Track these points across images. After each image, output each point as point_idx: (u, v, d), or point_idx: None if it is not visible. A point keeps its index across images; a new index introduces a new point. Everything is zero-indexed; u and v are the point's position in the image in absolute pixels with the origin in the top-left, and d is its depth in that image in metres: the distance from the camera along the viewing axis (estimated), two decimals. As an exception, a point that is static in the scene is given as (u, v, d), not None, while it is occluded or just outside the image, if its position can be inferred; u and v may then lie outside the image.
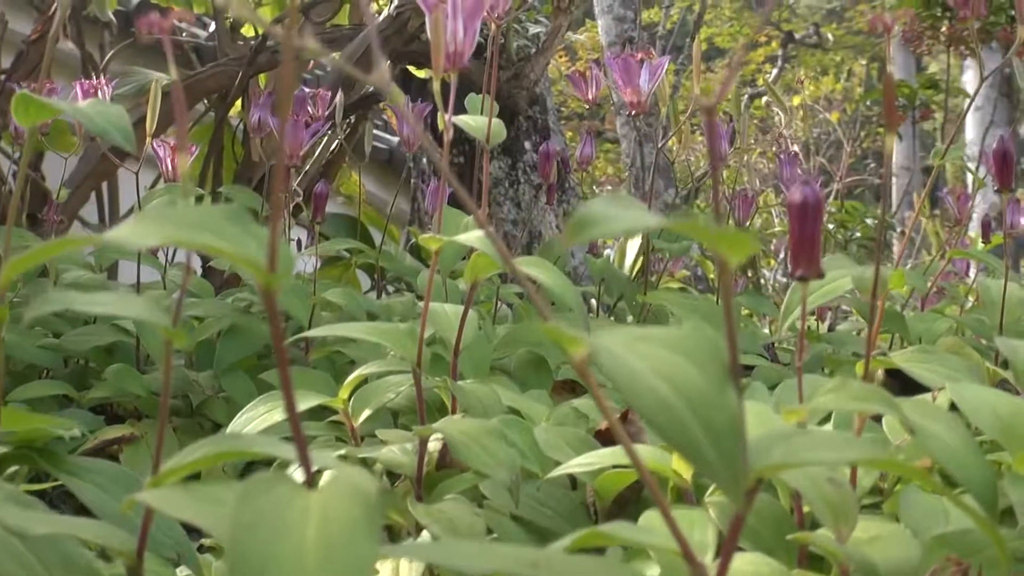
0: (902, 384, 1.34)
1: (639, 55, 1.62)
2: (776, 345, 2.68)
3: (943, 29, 5.13)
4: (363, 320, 1.97)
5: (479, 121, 1.45)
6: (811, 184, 0.89)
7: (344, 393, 1.40)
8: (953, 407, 1.16)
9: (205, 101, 3.72)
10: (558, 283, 1.37)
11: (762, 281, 8.97)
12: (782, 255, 8.58)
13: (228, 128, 3.68)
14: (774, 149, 13.35)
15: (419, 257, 4.07)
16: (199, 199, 2.70)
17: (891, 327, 2.15)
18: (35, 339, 1.98)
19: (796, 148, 12.07)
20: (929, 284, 2.36)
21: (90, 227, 3.32)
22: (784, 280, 9.70)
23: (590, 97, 2.21)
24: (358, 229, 3.87)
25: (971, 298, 3.03)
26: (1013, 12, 5.15)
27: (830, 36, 10.20)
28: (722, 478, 0.62)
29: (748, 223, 2.67)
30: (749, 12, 12.07)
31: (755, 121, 13.22)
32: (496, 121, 1.45)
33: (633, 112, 1.63)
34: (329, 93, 2.65)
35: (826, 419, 1.35)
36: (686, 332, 0.67)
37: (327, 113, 2.60)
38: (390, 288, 3.44)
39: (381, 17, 3.36)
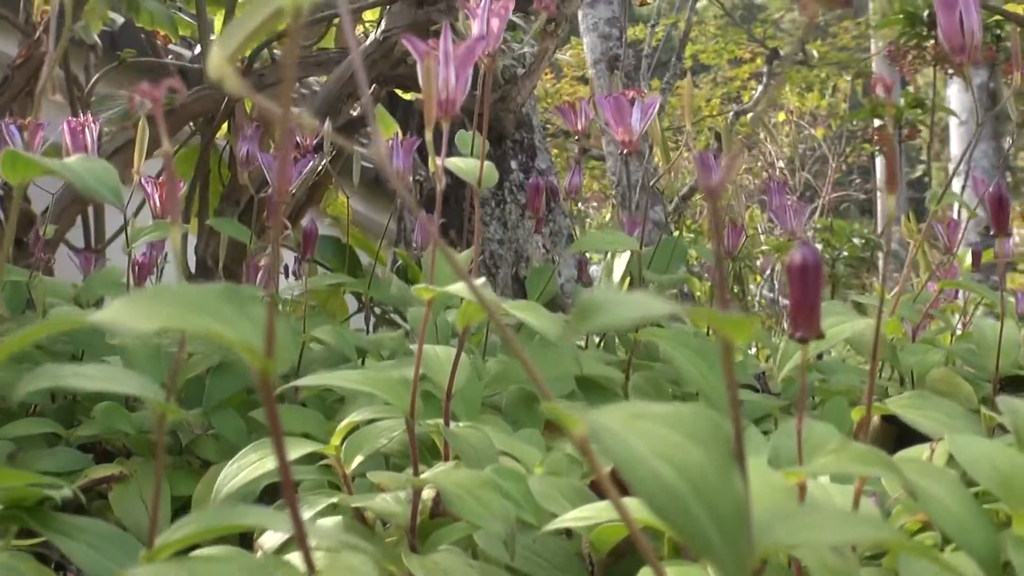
0: (899, 429, 1.33)
1: (631, 93, 1.61)
2: (767, 375, 2.68)
3: (928, 47, 5.14)
4: (353, 357, 1.96)
5: (469, 164, 1.45)
6: (811, 246, 0.88)
7: (336, 440, 1.39)
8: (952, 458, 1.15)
9: (191, 124, 3.71)
10: (549, 326, 1.36)
11: (748, 297, 8.99)
12: (768, 272, 8.59)
13: (214, 151, 3.67)
14: (759, 165, 13.40)
15: (406, 279, 4.06)
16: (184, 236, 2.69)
17: (883, 357, 2.15)
18: (23, 376, 1.96)
19: (782, 164, 12.08)
20: (920, 316, 2.36)
21: (76, 251, 3.30)
22: (770, 295, 9.72)
23: (579, 128, 2.20)
24: (346, 251, 3.86)
25: (960, 317, 3.03)
26: (998, 31, 5.17)
27: (815, 53, 10.22)
28: (727, 565, 0.61)
29: (737, 251, 2.66)
30: (734, 29, 12.09)
31: (740, 137, 13.25)
32: (488, 165, 1.44)
33: (625, 151, 1.62)
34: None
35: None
36: (688, 411, 0.66)
37: (316, 142, 2.59)
38: (377, 310, 3.42)
39: (368, 41, 3.35)
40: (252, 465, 1.34)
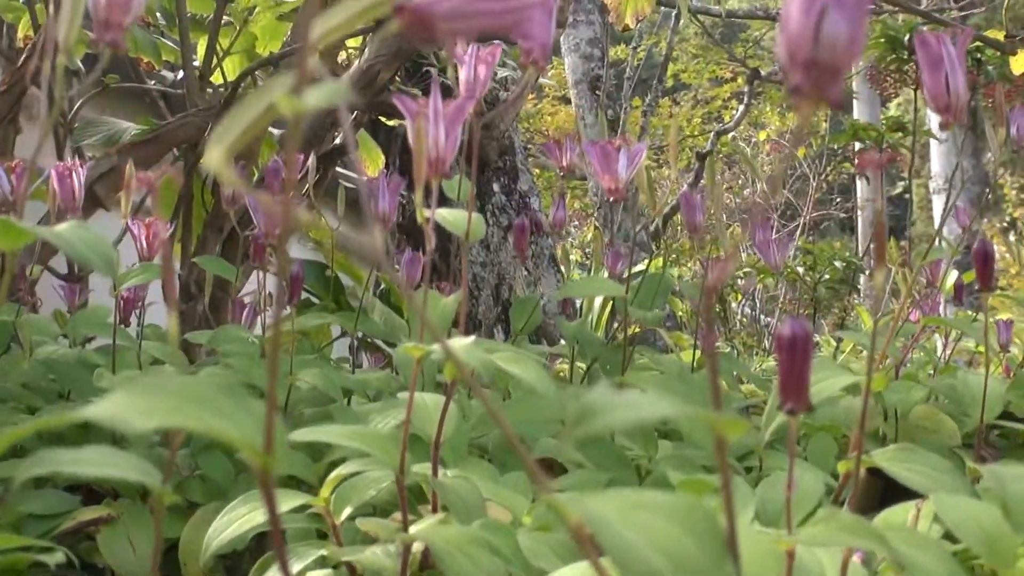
0: (885, 480, 1.34)
1: (617, 142, 1.62)
2: (750, 409, 2.69)
3: (908, 70, 5.17)
4: (339, 398, 1.96)
5: (456, 216, 1.45)
6: (800, 320, 0.89)
7: (326, 491, 1.40)
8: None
9: (175, 150, 3.71)
10: (537, 378, 1.37)
11: (729, 314, 9.00)
12: (750, 290, 8.61)
13: (198, 176, 3.67)
14: (740, 183, 13.44)
15: (389, 303, 4.06)
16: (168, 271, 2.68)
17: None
18: (9, 416, 1.96)
19: (762, 184, 12.10)
20: (903, 354, 2.37)
21: (59, 277, 3.30)
22: (751, 312, 9.75)
23: (564, 164, 2.22)
24: (329, 277, 3.87)
25: (942, 343, 3.04)
26: (978, 55, 5.20)
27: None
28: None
29: (720, 287, 2.67)
30: (715, 49, 12.11)
31: (721, 156, 13.29)
32: (476, 217, 1.45)
33: (611, 199, 1.63)
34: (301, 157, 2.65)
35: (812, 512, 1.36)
36: (683, 502, 0.67)
37: (300, 177, 2.60)
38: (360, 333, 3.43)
39: (352, 70, 3.36)
40: (242, 518, 1.34)
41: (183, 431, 0.94)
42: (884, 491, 1.51)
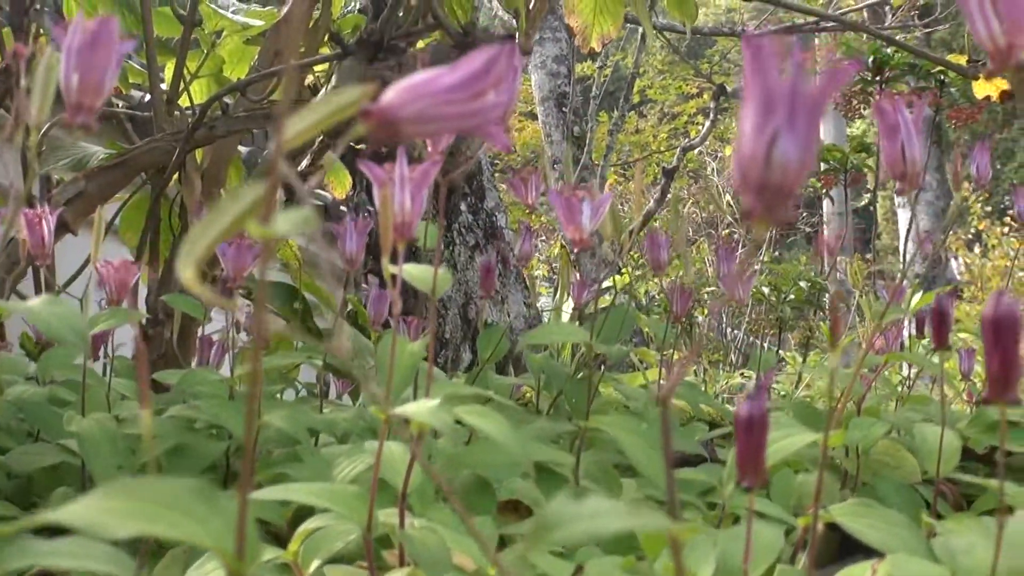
0: (842, 536, 1.37)
1: (581, 193, 1.64)
2: (712, 442, 2.72)
3: (872, 92, 5.21)
4: (306, 440, 1.97)
5: (423, 271, 1.47)
6: (758, 399, 0.92)
7: (294, 545, 1.41)
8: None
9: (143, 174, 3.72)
10: (501, 433, 1.39)
11: (695, 328, 9.04)
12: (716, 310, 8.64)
13: (165, 200, 3.68)
14: (706, 198, 13.49)
15: (356, 324, 4.08)
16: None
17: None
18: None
19: (729, 198, 12.15)
20: (865, 387, 2.40)
21: (27, 300, 3.30)
22: (717, 325, 9.79)
23: (530, 201, 2.23)
24: (296, 298, 3.88)
25: (906, 373, 3.07)
26: (943, 77, 5.25)
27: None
28: None
29: (685, 315, 2.70)
30: (682, 65, 12.15)
31: (688, 171, 13.35)
32: (442, 273, 1.47)
33: (576, 250, 1.65)
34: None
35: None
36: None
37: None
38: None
39: (318, 98, 3.37)
40: (211, 574, 1.36)
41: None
42: (842, 542, 1.54)
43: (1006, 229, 14.11)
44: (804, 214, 15.77)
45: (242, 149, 3.99)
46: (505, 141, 0.80)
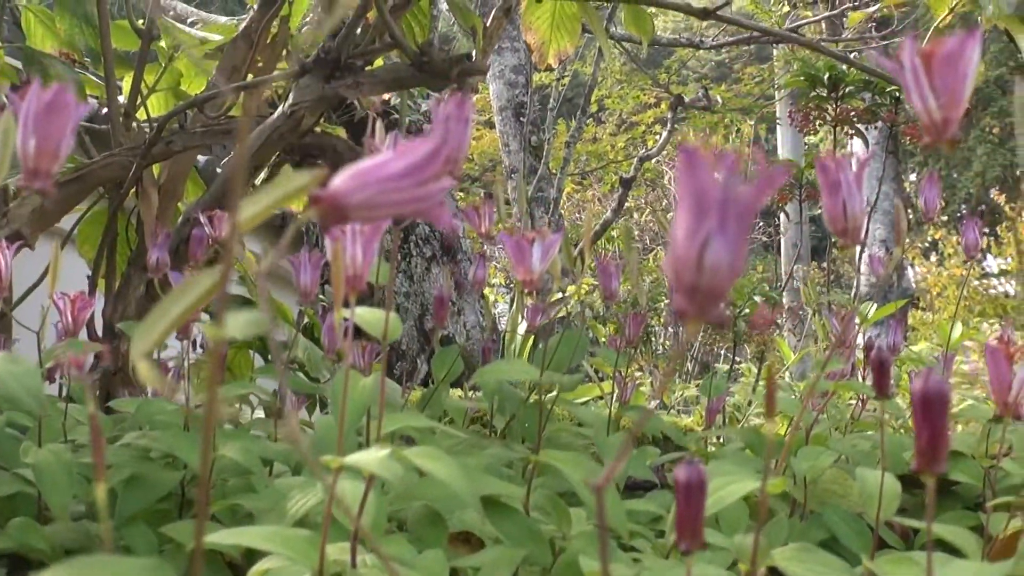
0: (784, 578, 1.40)
1: (532, 235, 1.66)
2: (664, 466, 2.75)
3: (828, 109, 5.26)
4: (260, 470, 1.99)
5: (375, 315, 1.50)
6: (695, 464, 0.94)
7: (247, 587, 1.43)
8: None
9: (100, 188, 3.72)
10: (452, 475, 1.42)
11: (652, 338, 9.08)
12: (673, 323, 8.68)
13: (122, 214, 3.68)
14: (664, 205, 13.54)
15: (312, 337, 4.10)
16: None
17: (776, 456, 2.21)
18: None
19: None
20: (814, 416, 2.43)
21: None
22: (674, 333, 9.83)
23: (483, 231, 2.25)
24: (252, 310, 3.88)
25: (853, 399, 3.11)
26: (898, 93, 5.29)
27: (719, 98, 10.37)
28: None
29: (637, 339, 2.73)
30: (640, 75, 12.21)
31: (645, 179, 13.40)
32: (393, 317, 1.49)
33: (525, 290, 1.67)
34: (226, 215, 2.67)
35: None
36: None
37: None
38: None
39: (276, 115, 3.38)
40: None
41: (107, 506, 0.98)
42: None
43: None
44: (761, 223, 15.86)
45: (199, 158, 3.99)
46: (450, 221, 0.82)
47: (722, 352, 9.43)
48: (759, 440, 2.46)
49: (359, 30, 3.25)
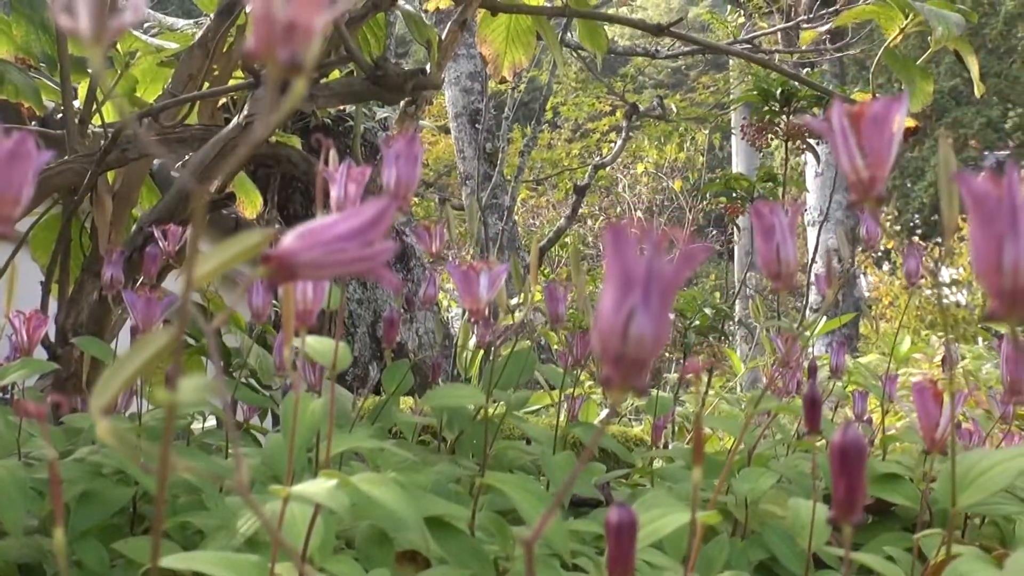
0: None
1: (480, 265, 1.70)
2: (610, 485, 2.78)
3: (780, 124, 5.32)
4: (212, 488, 2.02)
5: (323, 344, 1.54)
6: (627, 507, 0.98)
7: (197, 610, 1.46)
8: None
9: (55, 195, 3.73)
10: (396, 500, 1.46)
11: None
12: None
13: (76, 220, 3.70)
14: (618, 211, 13.59)
15: (265, 345, 4.12)
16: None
17: (718, 476, 2.25)
18: None
19: (639, 214, 12.25)
20: (758, 435, 2.48)
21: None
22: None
23: (433, 251, 2.28)
24: (207, 319, 3.91)
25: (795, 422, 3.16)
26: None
27: (673, 107, 10.43)
28: None
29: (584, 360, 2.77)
30: (595, 83, 12.26)
31: (600, 186, 13.45)
32: (342, 347, 1.53)
33: (473, 320, 1.71)
34: (180, 229, 2.70)
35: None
36: None
37: (177, 248, 2.65)
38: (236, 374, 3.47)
39: (231, 125, 3.41)
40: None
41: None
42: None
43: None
44: (714, 232, 15.95)
45: (154, 162, 4.01)
46: (395, 281, 0.86)
47: (674, 361, 9.50)
48: (704, 459, 2.50)
49: (315, 43, 3.27)
